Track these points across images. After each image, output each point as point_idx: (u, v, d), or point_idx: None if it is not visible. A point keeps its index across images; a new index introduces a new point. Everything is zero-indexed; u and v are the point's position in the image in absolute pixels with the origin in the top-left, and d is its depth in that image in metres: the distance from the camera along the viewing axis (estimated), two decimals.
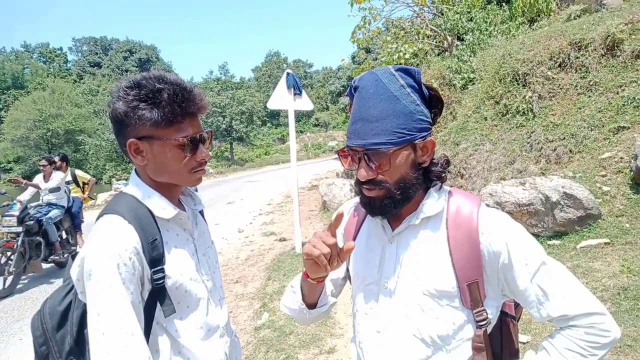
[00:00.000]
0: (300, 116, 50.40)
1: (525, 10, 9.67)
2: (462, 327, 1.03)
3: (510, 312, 1.18)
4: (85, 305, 1.07)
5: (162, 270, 1.13)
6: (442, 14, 11.68)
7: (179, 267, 1.19)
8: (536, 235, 4.66)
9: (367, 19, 11.49)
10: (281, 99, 6.58)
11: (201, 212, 1.44)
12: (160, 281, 1.13)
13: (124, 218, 1.10)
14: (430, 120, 1.04)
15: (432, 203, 1.06)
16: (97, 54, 60.54)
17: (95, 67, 58.30)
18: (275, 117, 55.93)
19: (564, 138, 5.90)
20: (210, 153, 1.27)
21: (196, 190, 1.43)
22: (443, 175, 1.08)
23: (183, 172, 1.19)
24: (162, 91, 1.11)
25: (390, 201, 1.02)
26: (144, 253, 1.10)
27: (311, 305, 1.23)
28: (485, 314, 1.03)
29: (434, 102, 1.06)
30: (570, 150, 5.75)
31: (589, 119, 5.82)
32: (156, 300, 1.13)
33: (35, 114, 37.03)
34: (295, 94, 6.56)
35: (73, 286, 1.16)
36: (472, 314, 1.03)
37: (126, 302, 1.02)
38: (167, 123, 1.12)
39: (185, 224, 1.28)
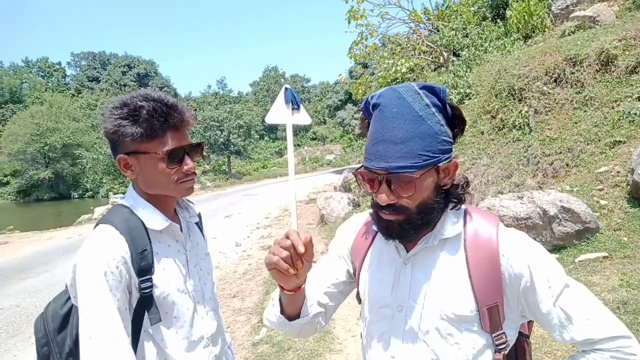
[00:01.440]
0: (298, 130, 50.58)
1: (520, 26, 9.80)
2: (482, 352, 1.00)
3: (524, 332, 1.15)
4: None
5: (150, 280, 1.19)
6: (438, 31, 11.85)
7: (167, 277, 1.24)
8: None
9: (364, 35, 11.63)
10: (279, 113, 6.61)
11: (198, 224, 1.49)
12: (148, 290, 1.18)
13: (116, 228, 1.17)
14: (451, 140, 0.98)
15: (451, 224, 1.02)
16: (95, 68, 60.80)
17: (94, 82, 58.54)
18: (272, 131, 56.12)
19: (561, 152, 5.94)
20: (195, 164, 1.32)
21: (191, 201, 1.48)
22: (463, 197, 1.03)
23: (170, 184, 1.25)
24: (142, 108, 1.18)
25: (410, 226, 0.98)
26: (132, 263, 1.16)
27: (292, 317, 1.15)
28: (504, 337, 0.99)
29: (456, 121, 1.00)
30: (567, 164, 5.78)
31: (585, 133, 5.87)
32: (144, 308, 1.19)
33: (33, 128, 37.07)
34: (293, 109, 6.59)
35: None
36: (492, 337, 0.99)
37: (112, 308, 1.08)
38: (147, 138, 1.19)
39: (177, 236, 1.33)
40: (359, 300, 1.22)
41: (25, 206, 35.20)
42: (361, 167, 1.01)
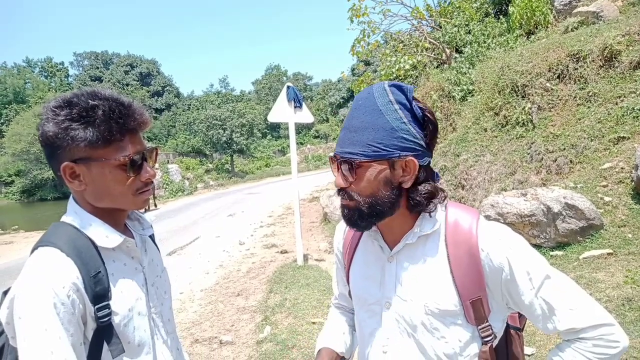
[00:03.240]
0: (301, 128, 50.59)
1: (523, 22, 9.76)
2: (469, 344, 1.02)
3: (514, 324, 1.18)
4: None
5: (108, 307, 1.03)
6: (441, 27, 11.79)
7: (126, 301, 1.09)
8: (538, 246, 4.66)
9: (366, 32, 11.59)
10: (282, 112, 6.62)
11: (151, 237, 1.33)
12: (106, 319, 1.02)
13: (61, 250, 1.00)
14: (418, 140, 0.99)
15: (428, 221, 1.05)
16: (98, 68, 60.72)
17: (97, 82, 58.41)
18: (275, 129, 56.11)
19: (564, 149, 5.92)
20: (156, 171, 1.18)
21: (147, 210, 1.29)
22: (424, 203, 1.01)
23: (127, 195, 1.09)
24: (96, 108, 1.02)
25: (357, 213, 1.01)
26: (86, 289, 0.99)
27: None
28: (490, 329, 1.02)
29: (426, 123, 1.01)
30: (571, 161, 5.76)
31: (589, 129, 5.85)
32: (102, 339, 1.03)
33: (36, 128, 37.15)
34: (295, 107, 6.61)
35: (4, 329, 1.03)
36: (477, 330, 1.02)
37: (65, 347, 0.92)
38: (104, 142, 1.02)
39: (133, 252, 1.17)
40: (351, 298, 1.26)
41: (29, 206, 35.36)
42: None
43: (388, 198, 1.00)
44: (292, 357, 3.73)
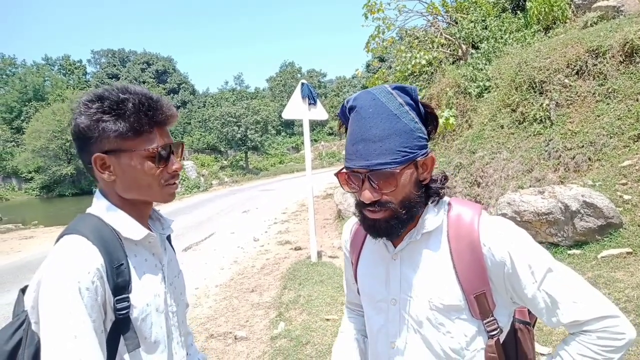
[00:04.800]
0: (315, 125, 50.59)
1: (541, 17, 9.60)
2: (474, 338, 1.03)
3: (523, 319, 1.19)
4: (38, 342, 0.96)
5: (127, 299, 1.04)
6: (457, 23, 11.66)
7: (145, 296, 1.10)
8: (556, 245, 4.59)
9: (380, 28, 11.52)
10: (296, 108, 6.63)
11: (168, 238, 1.35)
12: (125, 311, 1.03)
13: (87, 239, 1.02)
14: (426, 137, 1.03)
15: (431, 218, 1.06)
16: (115, 66, 61.59)
17: (114, 79, 59.19)
18: (289, 127, 56.25)
19: (583, 146, 5.82)
20: (182, 164, 1.20)
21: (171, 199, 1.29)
22: (442, 191, 1.07)
23: (155, 186, 1.12)
24: (127, 101, 1.05)
25: (397, 222, 1.01)
26: (108, 279, 1.01)
27: None
28: (496, 323, 1.03)
29: (429, 119, 1.05)
30: (590, 159, 5.66)
31: (608, 126, 5.74)
32: (119, 332, 1.04)
33: (55, 125, 37.78)
34: (310, 104, 6.61)
35: (23, 322, 1.02)
36: (483, 324, 1.03)
37: (89, 332, 0.93)
38: (134, 133, 1.06)
39: (154, 248, 1.19)
40: (359, 295, 1.29)
41: (49, 202, 36.05)
42: (342, 169, 1.05)
43: (419, 197, 1.03)
44: (306, 353, 3.76)
